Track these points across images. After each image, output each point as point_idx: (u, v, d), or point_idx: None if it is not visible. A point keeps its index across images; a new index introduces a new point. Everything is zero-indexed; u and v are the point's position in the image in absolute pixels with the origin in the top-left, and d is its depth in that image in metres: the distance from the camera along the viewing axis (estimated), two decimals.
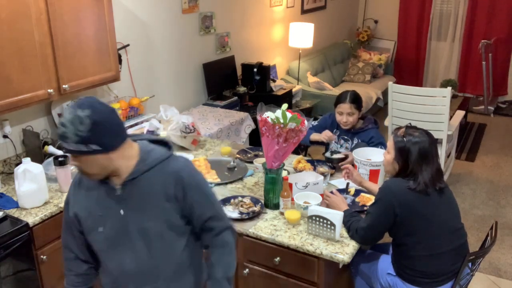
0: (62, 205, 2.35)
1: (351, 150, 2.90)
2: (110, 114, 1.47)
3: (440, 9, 7.26)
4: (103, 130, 1.43)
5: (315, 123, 3.16)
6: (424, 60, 7.48)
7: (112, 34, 3.00)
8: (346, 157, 2.81)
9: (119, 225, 1.57)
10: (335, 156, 2.85)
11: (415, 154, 2.10)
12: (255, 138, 4.17)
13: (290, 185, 2.35)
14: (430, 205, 2.09)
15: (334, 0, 6.93)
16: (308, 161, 2.89)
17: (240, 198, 2.44)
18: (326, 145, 3.07)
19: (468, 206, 4.19)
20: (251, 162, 2.91)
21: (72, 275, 1.72)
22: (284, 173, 2.46)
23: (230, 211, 2.34)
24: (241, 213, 2.32)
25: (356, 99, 2.92)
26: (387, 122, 4.46)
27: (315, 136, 2.99)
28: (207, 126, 3.80)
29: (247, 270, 2.32)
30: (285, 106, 2.25)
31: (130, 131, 3.23)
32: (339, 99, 2.96)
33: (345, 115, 2.93)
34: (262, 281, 2.31)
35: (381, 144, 2.86)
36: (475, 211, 4.10)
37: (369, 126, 2.97)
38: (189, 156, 3.00)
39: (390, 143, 2.21)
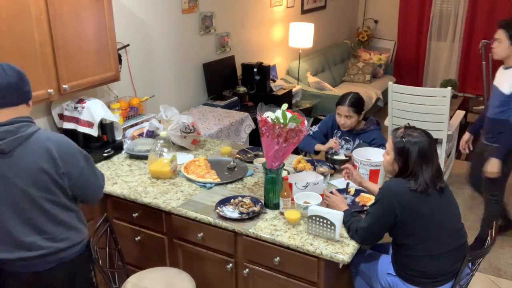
0: None
1: (352, 151, 2.89)
2: None
3: (440, 9, 7.25)
4: None
5: (315, 128, 3.16)
6: (424, 60, 7.48)
7: (112, 34, 2.99)
8: (350, 158, 2.80)
9: None
10: (338, 157, 2.85)
11: (414, 154, 2.09)
12: (255, 138, 4.17)
13: (290, 185, 2.35)
14: (430, 206, 2.09)
15: (334, 0, 6.93)
16: (308, 161, 2.88)
17: (240, 198, 2.43)
18: None
19: (468, 206, 4.19)
20: (251, 162, 2.91)
21: None
22: (284, 173, 2.45)
23: (230, 211, 2.34)
24: (241, 213, 2.32)
25: (356, 103, 2.91)
26: (387, 122, 4.46)
27: (320, 147, 3.00)
28: (207, 126, 3.80)
29: (247, 270, 2.32)
30: (285, 106, 2.24)
31: (130, 131, 3.23)
32: (340, 101, 2.95)
33: (343, 117, 2.93)
34: (262, 281, 2.31)
35: (383, 145, 2.83)
36: (475, 211, 4.10)
37: (371, 128, 2.96)
38: (189, 156, 3.01)
39: (389, 144, 2.20)
